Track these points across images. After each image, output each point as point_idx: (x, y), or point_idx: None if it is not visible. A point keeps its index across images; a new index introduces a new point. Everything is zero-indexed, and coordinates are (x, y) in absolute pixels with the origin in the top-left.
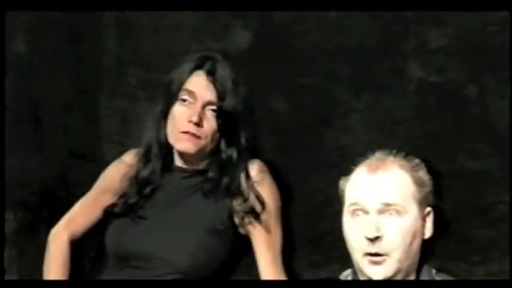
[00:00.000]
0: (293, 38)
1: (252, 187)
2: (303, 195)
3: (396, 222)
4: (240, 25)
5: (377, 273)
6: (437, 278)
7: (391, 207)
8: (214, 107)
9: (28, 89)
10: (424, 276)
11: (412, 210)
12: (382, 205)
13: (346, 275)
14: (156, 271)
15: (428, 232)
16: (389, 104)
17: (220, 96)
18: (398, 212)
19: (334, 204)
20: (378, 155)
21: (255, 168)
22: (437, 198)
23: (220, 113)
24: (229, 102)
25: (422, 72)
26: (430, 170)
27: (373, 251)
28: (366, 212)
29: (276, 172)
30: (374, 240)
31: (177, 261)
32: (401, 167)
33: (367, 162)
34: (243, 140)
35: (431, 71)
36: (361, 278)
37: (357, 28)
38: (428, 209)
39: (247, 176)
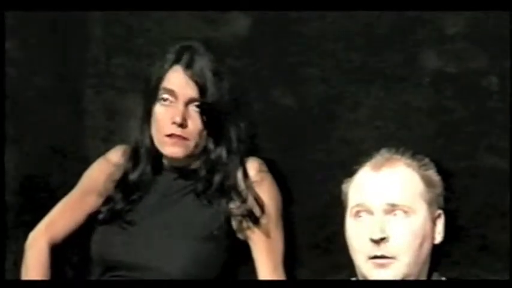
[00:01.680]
0: (296, 25)
1: (250, 188)
2: (306, 197)
3: (404, 223)
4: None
5: (383, 277)
6: None
7: (398, 207)
8: (197, 103)
9: (5, 80)
10: None
11: (421, 211)
12: (388, 205)
13: None
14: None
15: (438, 237)
16: (402, 96)
17: (202, 90)
18: (405, 212)
19: (340, 206)
20: (383, 153)
21: (253, 167)
22: (449, 201)
23: (203, 109)
24: (211, 96)
25: (439, 61)
26: (441, 171)
27: (378, 253)
28: (371, 213)
29: (277, 171)
30: (379, 241)
31: (170, 271)
32: (408, 165)
33: (372, 161)
34: (232, 136)
35: (448, 60)
36: None
37: (366, 13)
38: (439, 211)
39: (245, 176)
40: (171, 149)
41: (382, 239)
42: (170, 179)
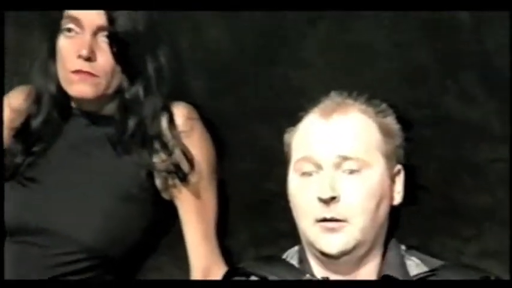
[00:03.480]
0: None
1: (177, 139)
2: (243, 149)
3: (357, 179)
4: None
5: (332, 244)
6: (407, 256)
7: (351, 160)
8: (106, 33)
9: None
10: (390, 253)
11: (378, 166)
12: (339, 158)
13: (292, 254)
14: (54, 249)
15: (398, 197)
16: (357, 31)
17: (111, 17)
18: (359, 167)
19: (283, 162)
20: (333, 97)
21: (181, 114)
22: (410, 154)
23: (114, 40)
24: (123, 24)
25: None
26: (401, 119)
27: (328, 215)
28: (319, 167)
29: (209, 120)
30: (329, 201)
31: (80, 237)
32: (363, 111)
33: (320, 106)
34: (151, 73)
35: None
36: (310, 255)
37: None
38: (399, 167)
39: (172, 125)
40: (78, 88)
41: (333, 199)
42: (80, 126)
